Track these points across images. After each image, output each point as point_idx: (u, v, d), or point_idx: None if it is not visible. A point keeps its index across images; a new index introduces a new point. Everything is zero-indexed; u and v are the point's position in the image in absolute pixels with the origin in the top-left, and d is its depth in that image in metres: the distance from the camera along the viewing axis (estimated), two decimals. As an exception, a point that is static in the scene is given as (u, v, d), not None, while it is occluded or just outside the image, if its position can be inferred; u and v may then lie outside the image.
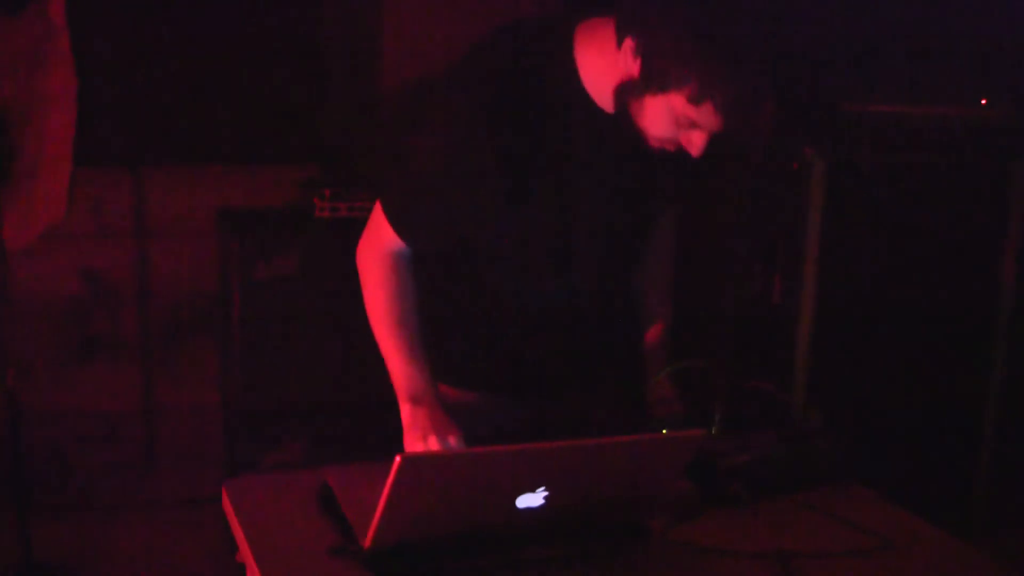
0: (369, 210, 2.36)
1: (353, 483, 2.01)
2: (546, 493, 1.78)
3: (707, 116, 1.97)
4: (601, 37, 2.10)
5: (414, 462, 1.66)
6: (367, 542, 1.77)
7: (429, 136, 2.20)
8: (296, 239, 3.94)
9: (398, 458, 1.64)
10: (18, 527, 3.65)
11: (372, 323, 2.30)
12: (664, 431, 2.22)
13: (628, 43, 2.01)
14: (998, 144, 4.09)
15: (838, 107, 4.04)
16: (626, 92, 2.05)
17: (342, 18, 4.28)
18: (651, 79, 1.99)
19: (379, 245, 2.29)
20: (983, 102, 4.08)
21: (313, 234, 3.97)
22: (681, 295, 2.58)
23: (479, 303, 2.37)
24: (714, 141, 2.05)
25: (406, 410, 2.17)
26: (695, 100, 1.96)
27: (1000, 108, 4.09)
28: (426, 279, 2.32)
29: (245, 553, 1.92)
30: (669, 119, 2.02)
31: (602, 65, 2.09)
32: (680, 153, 2.10)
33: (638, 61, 2.00)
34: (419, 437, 2.09)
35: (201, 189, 4.23)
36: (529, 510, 1.79)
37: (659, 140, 2.07)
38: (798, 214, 4.01)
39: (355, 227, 3.92)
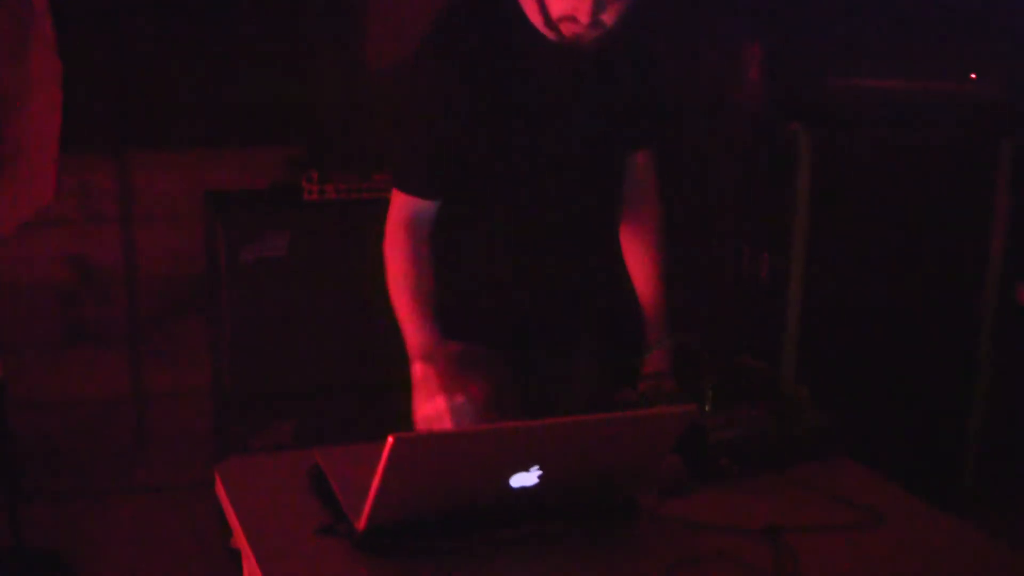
0: (357, 191, 2.49)
1: (343, 464, 2.01)
2: (539, 471, 1.78)
3: None
4: None
5: (407, 443, 1.66)
6: (361, 523, 1.77)
7: (412, 95, 2.39)
8: (284, 221, 3.93)
9: (391, 439, 1.64)
10: (8, 513, 3.64)
11: (390, 287, 2.41)
12: (656, 407, 2.24)
13: None
14: (987, 119, 4.09)
15: (825, 82, 4.04)
16: None
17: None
18: None
19: (396, 213, 2.42)
20: (972, 77, 4.08)
21: (301, 216, 3.96)
22: (670, 271, 2.60)
23: (475, 255, 2.51)
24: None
25: (417, 368, 2.25)
26: None
27: (989, 84, 4.10)
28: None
29: (239, 535, 1.92)
30: None
31: None
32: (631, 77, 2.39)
33: None
34: (427, 396, 2.18)
35: (187, 172, 4.22)
36: (523, 488, 1.79)
37: (562, 21, 2.19)
38: (786, 190, 4.01)
39: (343, 209, 3.97)
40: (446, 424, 2.12)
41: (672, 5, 2.43)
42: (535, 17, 2.24)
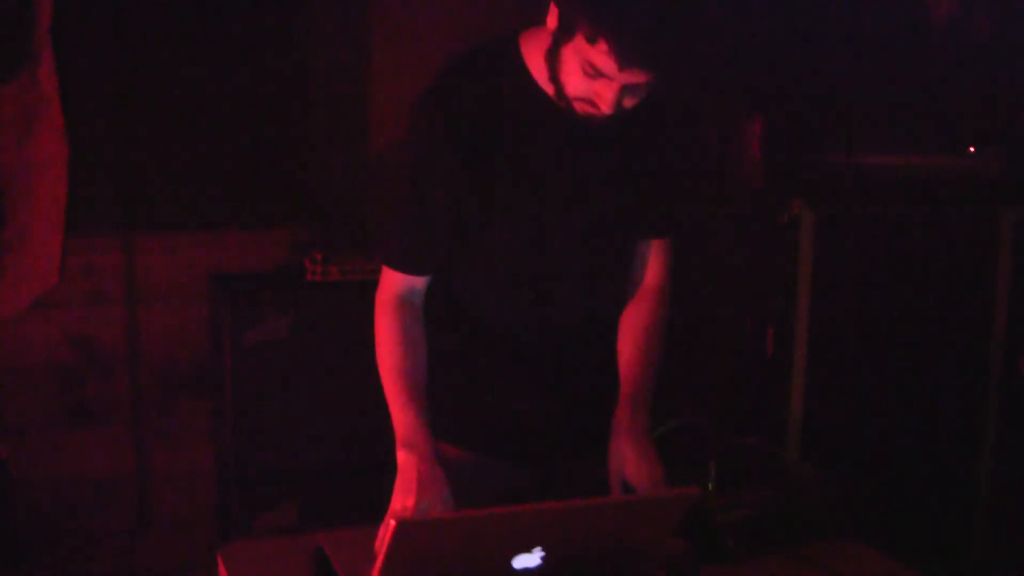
0: (360, 271, 2.39)
1: (348, 548, 2.00)
2: (542, 554, 1.77)
3: (604, 58, 1.96)
4: (542, 32, 2.13)
5: (410, 527, 1.66)
6: (364, 607, 1.76)
7: (402, 162, 2.27)
8: (288, 303, 3.94)
9: (393, 523, 1.63)
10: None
11: (379, 369, 2.30)
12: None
13: (552, 8, 2.05)
14: (987, 192, 4.10)
15: (826, 159, 4.06)
16: (551, 55, 2.08)
17: (329, 79, 4.30)
18: (560, 25, 2.03)
19: (385, 290, 2.33)
20: (971, 150, 4.10)
21: (304, 297, 3.97)
22: (673, 349, 2.54)
23: (470, 349, 2.39)
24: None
25: (400, 456, 2.16)
26: (591, 39, 1.96)
27: (987, 156, 4.11)
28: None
29: (241, 620, 1.91)
30: (578, 68, 2.02)
31: (543, 52, 2.12)
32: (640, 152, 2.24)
33: (555, 15, 2.04)
34: (402, 491, 2.09)
35: (191, 254, 4.23)
36: (526, 571, 1.78)
37: (578, 100, 2.07)
38: (789, 267, 4.02)
39: (347, 290, 3.98)
40: None
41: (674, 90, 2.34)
42: (544, 83, 2.15)
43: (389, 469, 2.24)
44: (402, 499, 2.07)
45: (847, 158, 4.08)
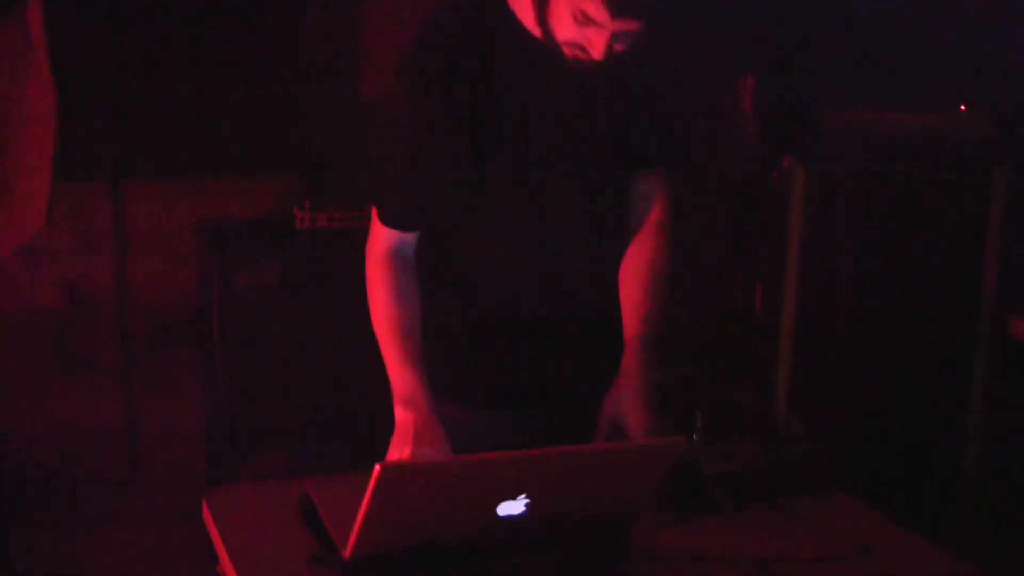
0: (349, 219, 2.37)
1: (334, 493, 2.00)
2: (527, 501, 1.77)
3: (596, 6, 1.96)
4: None
5: (394, 471, 1.65)
6: (347, 552, 1.76)
7: (393, 113, 2.24)
8: (276, 250, 3.93)
9: (378, 467, 1.63)
10: (-1, 543, 3.63)
11: (374, 325, 2.28)
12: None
13: None
14: (978, 151, 4.09)
15: (818, 115, 4.05)
16: (539, 1, 2.06)
17: (321, 28, 4.28)
18: None
19: (376, 244, 2.30)
20: (962, 108, 4.09)
21: (294, 245, 3.96)
22: (660, 312, 2.50)
23: (465, 304, 2.36)
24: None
25: (397, 413, 2.15)
26: None
27: (979, 116, 4.10)
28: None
29: (224, 564, 1.91)
30: (568, 15, 2.00)
31: None
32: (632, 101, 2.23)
33: None
34: (398, 444, 2.08)
35: (181, 201, 4.22)
36: (510, 518, 1.78)
37: (567, 44, 2.05)
38: (779, 223, 4.01)
39: (335, 238, 3.97)
40: None
41: (666, 40, 2.32)
42: (531, 25, 2.11)
43: (379, 417, 2.24)
44: (398, 451, 2.06)
45: (839, 116, 4.07)
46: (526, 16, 2.13)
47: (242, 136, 4.22)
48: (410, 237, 2.29)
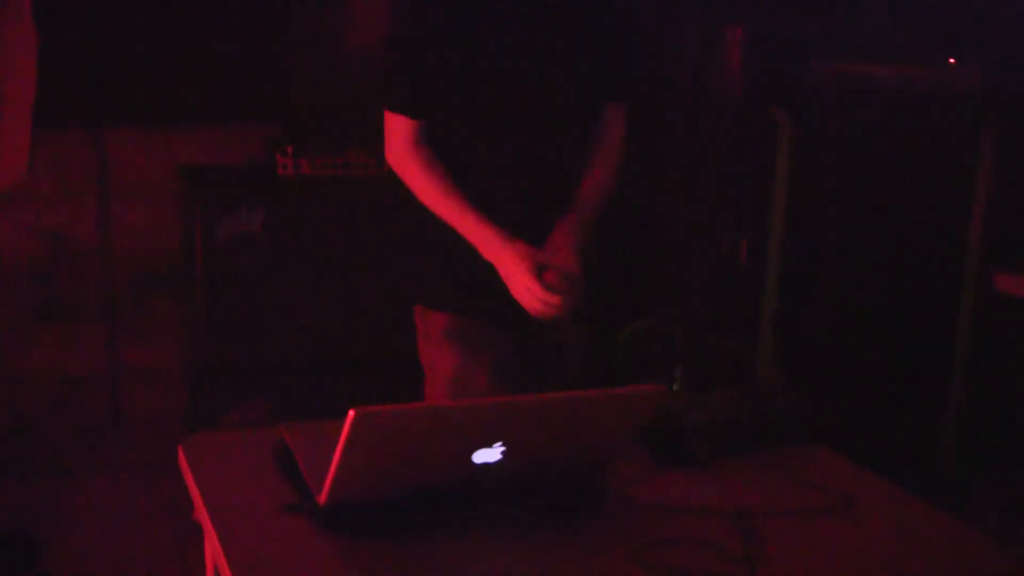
0: (332, 166, 2.51)
1: (310, 440, 1.99)
2: (503, 448, 1.76)
3: None
4: None
5: (368, 417, 1.64)
6: (322, 498, 1.75)
7: (392, 19, 2.58)
8: (259, 197, 3.91)
9: (351, 413, 1.62)
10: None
11: (425, 203, 2.50)
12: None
13: None
14: (968, 105, 4.08)
15: (806, 66, 4.03)
16: None
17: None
18: None
19: (396, 141, 2.52)
20: (951, 62, 4.07)
21: (276, 192, 3.95)
22: (649, 255, 2.57)
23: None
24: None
25: (507, 252, 2.39)
26: None
27: (968, 69, 4.08)
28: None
29: (200, 510, 1.90)
30: None
31: None
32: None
33: None
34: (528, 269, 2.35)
35: (163, 148, 4.20)
36: (486, 466, 1.77)
37: None
38: (766, 174, 3.99)
39: (318, 185, 3.95)
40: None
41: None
42: None
43: (361, 366, 2.25)
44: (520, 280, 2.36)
45: (826, 67, 4.05)
46: None
47: (225, 83, 4.20)
48: (422, 126, 2.49)
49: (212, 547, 1.80)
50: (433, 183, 2.48)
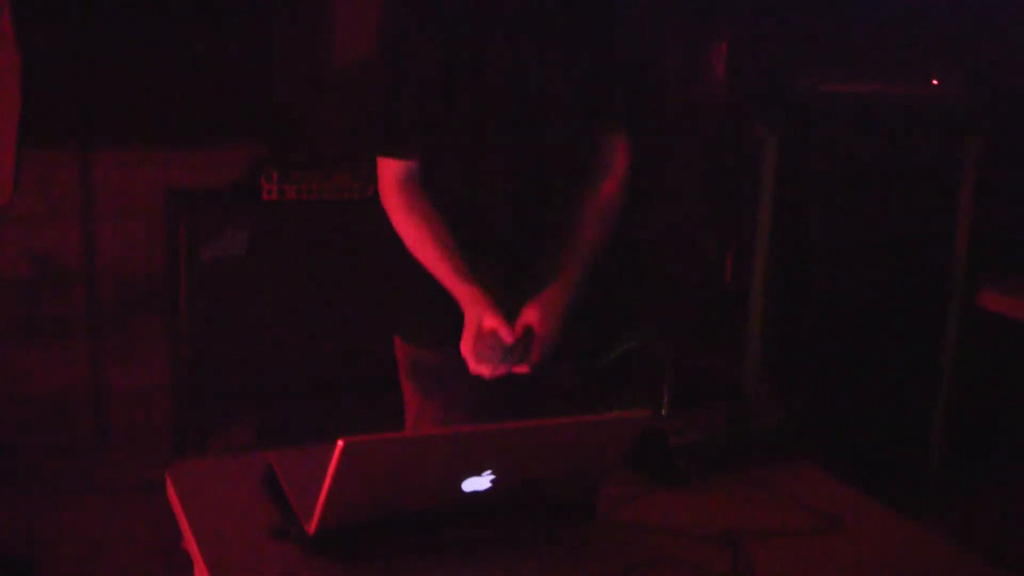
0: (317, 191, 2.46)
1: (297, 466, 1.99)
2: (492, 476, 1.76)
3: None
4: None
5: (357, 446, 1.64)
6: (311, 527, 1.75)
7: (376, 56, 2.43)
8: (244, 220, 3.91)
9: (340, 442, 1.62)
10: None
11: (415, 255, 2.40)
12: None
13: None
14: (950, 121, 4.10)
15: (791, 85, 4.04)
16: None
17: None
18: None
19: (387, 184, 2.42)
20: (934, 82, 4.09)
21: (261, 215, 3.95)
22: (635, 272, 2.56)
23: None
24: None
25: (466, 313, 2.29)
26: None
27: (951, 87, 4.10)
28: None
29: (188, 539, 1.89)
30: None
31: None
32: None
33: None
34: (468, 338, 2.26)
35: (149, 169, 4.19)
36: (475, 493, 1.77)
37: None
38: (751, 192, 4.00)
39: (302, 209, 3.95)
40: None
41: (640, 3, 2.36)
42: None
43: (346, 388, 2.24)
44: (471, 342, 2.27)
45: (812, 85, 4.07)
46: None
47: (210, 105, 4.20)
48: (414, 168, 2.41)
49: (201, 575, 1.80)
50: (418, 230, 2.39)
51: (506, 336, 2.26)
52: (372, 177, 2.49)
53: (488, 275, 2.40)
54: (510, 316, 2.32)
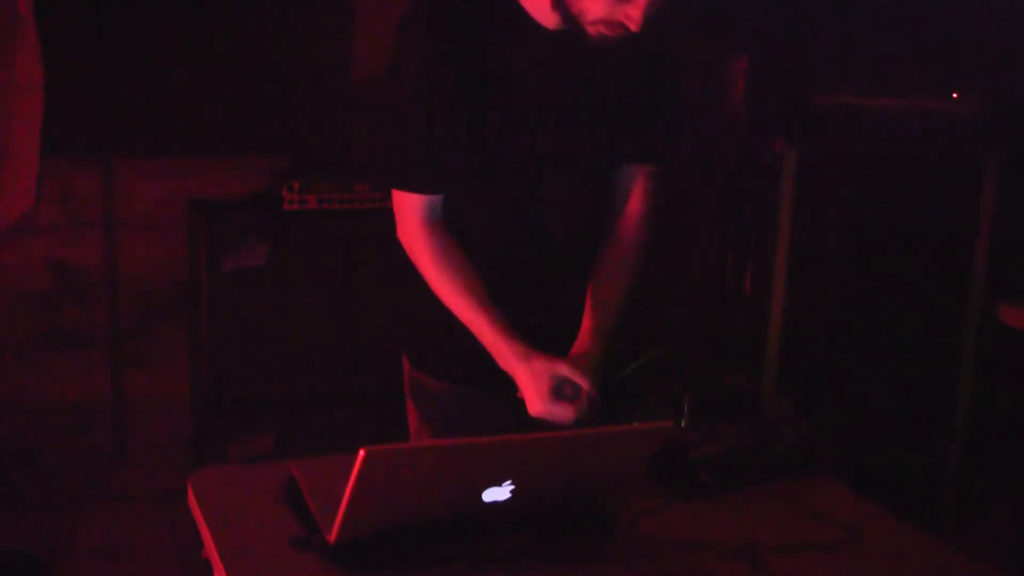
0: (339, 201, 2.36)
1: (319, 475, 1.99)
2: (512, 486, 1.76)
3: None
4: None
5: (378, 456, 1.64)
6: (332, 536, 1.75)
7: (397, 84, 2.25)
8: (266, 230, 3.93)
9: (362, 452, 1.62)
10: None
11: (442, 299, 2.26)
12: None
13: None
14: (969, 135, 4.09)
15: (811, 99, 4.04)
16: None
17: (312, 6, 4.26)
18: None
19: (407, 220, 2.29)
20: (954, 96, 4.08)
21: (283, 226, 3.96)
22: (654, 286, 2.53)
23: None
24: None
25: (521, 369, 2.15)
26: None
27: (971, 101, 4.10)
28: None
29: (209, 547, 1.90)
30: None
31: None
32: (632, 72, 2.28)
33: None
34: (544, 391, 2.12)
35: (171, 180, 4.21)
36: (495, 503, 1.78)
37: (599, 22, 2.08)
38: (770, 206, 4.00)
39: (324, 219, 3.96)
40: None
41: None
42: (541, 10, 2.18)
43: (365, 398, 2.24)
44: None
45: (831, 99, 4.06)
46: (537, 9, 2.19)
47: (233, 115, 4.21)
48: (436, 202, 2.28)
49: (222, 584, 1.81)
50: (452, 284, 2.25)
51: (584, 383, 2.15)
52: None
53: (512, 313, 2.30)
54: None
